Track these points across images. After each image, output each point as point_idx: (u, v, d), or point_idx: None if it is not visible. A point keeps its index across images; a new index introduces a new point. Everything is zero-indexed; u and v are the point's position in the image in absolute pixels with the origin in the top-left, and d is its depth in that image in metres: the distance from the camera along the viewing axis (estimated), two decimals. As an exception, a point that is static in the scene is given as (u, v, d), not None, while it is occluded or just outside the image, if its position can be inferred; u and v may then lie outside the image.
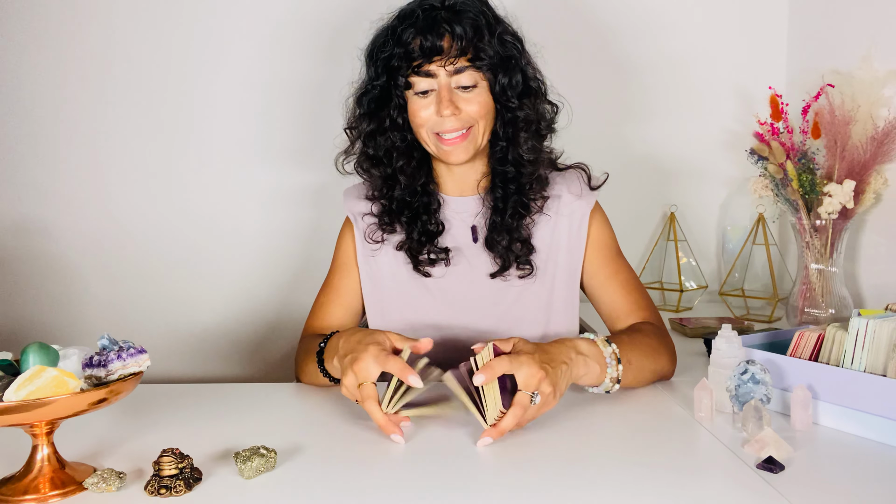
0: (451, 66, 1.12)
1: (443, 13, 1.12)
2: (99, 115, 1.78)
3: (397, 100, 1.16)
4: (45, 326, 1.82)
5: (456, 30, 1.11)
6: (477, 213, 1.24)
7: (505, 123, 1.18)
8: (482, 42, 1.12)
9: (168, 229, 1.82)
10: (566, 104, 1.24)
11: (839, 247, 1.48)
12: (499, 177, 1.21)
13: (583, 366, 1.00)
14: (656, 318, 1.22)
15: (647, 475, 0.82)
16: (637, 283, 1.24)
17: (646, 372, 1.11)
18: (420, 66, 1.12)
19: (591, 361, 1.01)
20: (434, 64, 1.12)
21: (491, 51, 1.13)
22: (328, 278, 1.31)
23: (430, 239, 1.22)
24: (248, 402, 1.12)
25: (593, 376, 1.02)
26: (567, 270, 1.22)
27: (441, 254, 1.22)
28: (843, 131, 1.44)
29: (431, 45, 1.10)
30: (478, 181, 1.24)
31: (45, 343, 0.84)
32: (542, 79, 1.21)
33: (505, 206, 1.20)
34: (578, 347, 1.01)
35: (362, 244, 1.26)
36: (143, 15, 1.76)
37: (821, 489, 0.79)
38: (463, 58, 1.12)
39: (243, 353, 1.86)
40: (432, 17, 1.12)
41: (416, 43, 1.12)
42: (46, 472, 0.81)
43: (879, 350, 0.93)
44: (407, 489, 0.80)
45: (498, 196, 1.21)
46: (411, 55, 1.12)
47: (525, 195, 1.20)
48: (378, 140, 1.19)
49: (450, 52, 1.11)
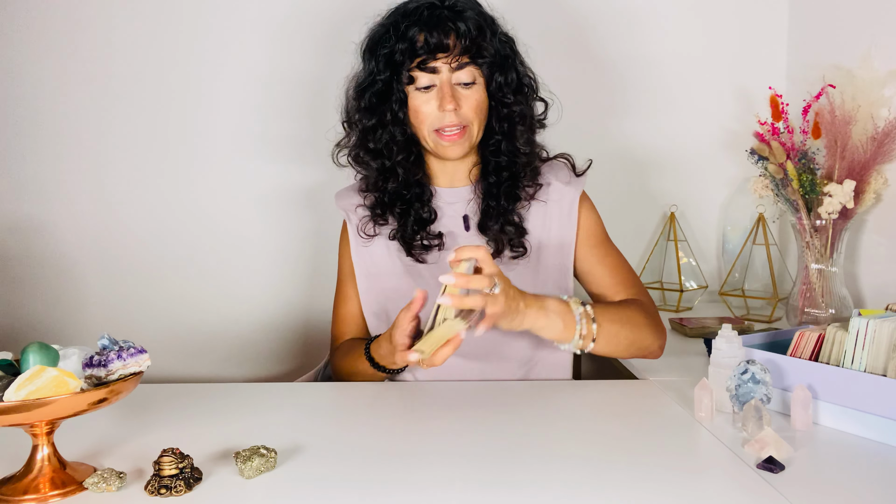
0: (456, 63, 1.16)
1: (446, 11, 1.16)
2: (98, 113, 1.78)
3: (398, 94, 1.19)
4: (45, 326, 1.82)
5: (460, 28, 1.15)
6: (468, 202, 1.27)
7: (500, 119, 1.23)
8: (484, 40, 1.17)
9: (169, 229, 1.82)
10: (556, 100, 1.30)
11: (839, 247, 1.48)
12: (491, 166, 1.25)
13: (543, 317, 1.04)
14: (644, 296, 1.25)
15: (647, 475, 0.82)
16: (625, 266, 1.28)
17: (621, 339, 1.13)
18: (424, 62, 1.16)
19: (553, 315, 1.05)
20: (439, 60, 1.16)
21: (492, 49, 1.18)
22: (339, 288, 1.34)
23: (423, 226, 1.24)
24: (248, 402, 1.12)
25: (555, 330, 1.06)
26: (559, 253, 1.25)
27: (434, 239, 1.24)
28: (843, 131, 1.44)
29: (437, 41, 1.14)
30: (469, 172, 1.28)
31: (45, 343, 0.84)
32: (534, 76, 1.27)
33: (498, 192, 1.23)
34: (545, 301, 1.06)
35: (356, 238, 1.28)
36: (143, 14, 1.76)
37: (821, 489, 0.79)
38: (465, 55, 1.16)
39: (243, 353, 1.86)
40: (436, 15, 1.15)
41: (420, 39, 1.15)
42: (46, 472, 0.81)
43: (879, 350, 0.93)
44: (407, 489, 0.80)
45: (491, 182, 1.25)
46: (416, 50, 1.15)
47: (518, 181, 1.24)
48: (378, 134, 1.22)
49: (454, 50, 1.15)
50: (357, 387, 1.20)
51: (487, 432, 0.96)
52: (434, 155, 1.24)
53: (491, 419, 1.01)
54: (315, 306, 1.85)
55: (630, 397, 1.11)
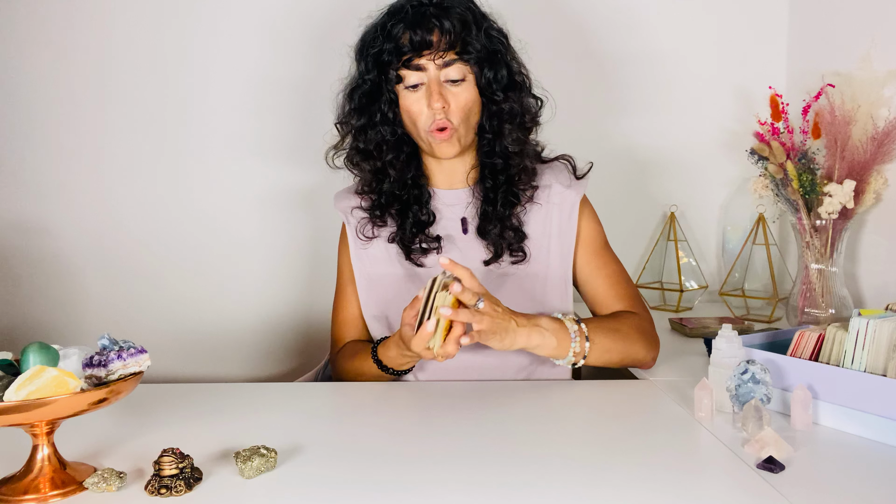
0: (441, 60, 1.16)
1: (431, 9, 1.16)
2: (97, 114, 1.78)
3: (388, 94, 1.19)
4: (45, 326, 1.82)
5: (444, 24, 1.15)
6: (467, 204, 1.26)
7: (490, 116, 1.22)
8: (470, 36, 1.17)
9: (169, 229, 1.82)
10: (550, 98, 1.28)
11: (839, 247, 1.48)
12: (488, 168, 1.24)
13: (537, 336, 1.07)
14: (640, 308, 1.25)
15: (648, 475, 0.82)
16: (623, 276, 1.28)
17: (613, 354, 1.15)
18: (410, 60, 1.16)
19: (546, 333, 1.07)
20: (424, 58, 1.16)
21: (478, 44, 1.17)
22: (338, 291, 1.34)
23: (422, 229, 1.24)
24: (248, 402, 1.12)
25: (549, 348, 1.08)
26: (559, 256, 1.25)
27: (433, 242, 1.24)
28: (843, 131, 1.44)
29: (421, 38, 1.14)
30: (467, 173, 1.27)
31: (45, 343, 0.84)
32: (527, 73, 1.26)
33: (495, 196, 1.23)
34: (538, 320, 1.08)
35: (354, 241, 1.28)
36: (142, 15, 1.76)
37: (821, 489, 0.79)
38: (451, 51, 1.16)
39: (243, 353, 1.86)
40: (421, 13, 1.16)
41: (405, 37, 1.15)
42: (47, 471, 0.81)
43: (879, 350, 0.93)
44: (407, 489, 0.80)
45: (488, 187, 1.24)
46: (401, 49, 1.15)
47: (514, 185, 1.23)
48: (369, 134, 1.22)
49: (439, 46, 1.15)
50: (357, 387, 1.20)
51: (487, 432, 0.96)
52: (430, 154, 1.23)
53: (491, 419, 1.01)
54: (315, 306, 1.85)
55: (630, 397, 1.11)
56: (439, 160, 1.24)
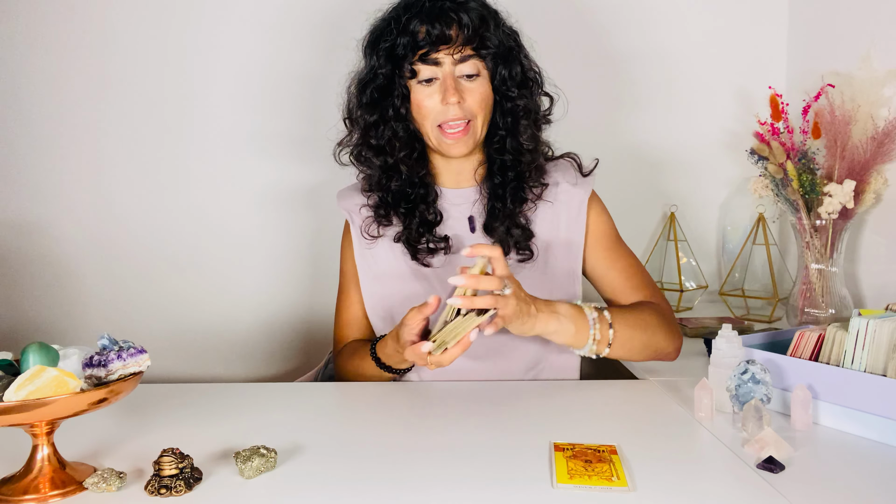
0: (458, 55, 1.14)
1: (448, 3, 1.14)
2: (97, 113, 1.78)
3: (401, 89, 1.17)
4: (45, 326, 1.82)
5: (463, 19, 1.13)
6: (473, 202, 1.25)
7: (504, 113, 1.21)
8: (488, 31, 1.15)
9: (169, 228, 1.82)
10: (561, 95, 1.27)
11: (839, 247, 1.48)
12: (496, 165, 1.23)
13: (554, 321, 1.04)
14: (660, 298, 1.23)
15: (648, 475, 0.82)
16: (639, 268, 1.26)
17: (636, 343, 1.13)
18: (427, 54, 1.14)
19: (564, 320, 1.05)
20: (441, 52, 1.14)
21: (496, 40, 1.16)
22: (341, 291, 1.33)
23: (429, 229, 1.23)
24: (248, 402, 1.12)
25: (567, 335, 1.06)
26: (567, 255, 1.24)
27: (440, 243, 1.22)
28: (843, 131, 1.44)
29: (440, 33, 1.13)
30: (474, 171, 1.26)
31: (45, 343, 0.84)
32: (539, 70, 1.25)
33: (504, 193, 1.22)
34: (556, 306, 1.06)
35: (359, 240, 1.27)
36: (142, 12, 1.76)
37: (821, 489, 0.79)
38: (468, 46, 1.15)
39: (243, 353, 1.86)
40: (438, 7, 1.14)
41: (422, 31, 1.13)
42: (46, 471, 0.81)
43: (879, 350, 0.93)
44: (407, 489, 0.80)
45: (496, 183, 1.23)
46: (417, 43, 1.14)
47: (524, 182, 1.22)
48: (381, 130, 1.20)
49: (456, 41, 1.14)
50: (358, 387, 1.20)
51: (487, 432, 0.96)
52: (438, 153, 1.22)
53: (491, 419, 1.01)
54: (315, 306, 1.85)
55: (630, 397, 1.11)
56: (447, 159, 1.23)
